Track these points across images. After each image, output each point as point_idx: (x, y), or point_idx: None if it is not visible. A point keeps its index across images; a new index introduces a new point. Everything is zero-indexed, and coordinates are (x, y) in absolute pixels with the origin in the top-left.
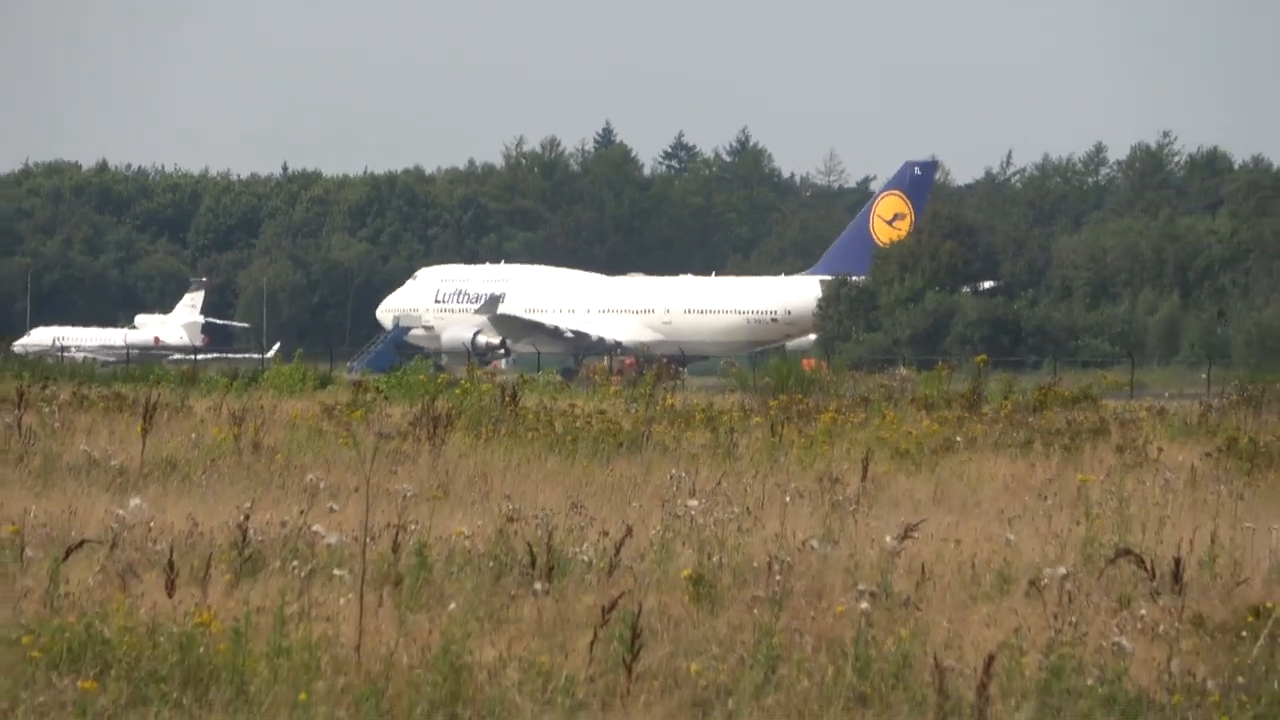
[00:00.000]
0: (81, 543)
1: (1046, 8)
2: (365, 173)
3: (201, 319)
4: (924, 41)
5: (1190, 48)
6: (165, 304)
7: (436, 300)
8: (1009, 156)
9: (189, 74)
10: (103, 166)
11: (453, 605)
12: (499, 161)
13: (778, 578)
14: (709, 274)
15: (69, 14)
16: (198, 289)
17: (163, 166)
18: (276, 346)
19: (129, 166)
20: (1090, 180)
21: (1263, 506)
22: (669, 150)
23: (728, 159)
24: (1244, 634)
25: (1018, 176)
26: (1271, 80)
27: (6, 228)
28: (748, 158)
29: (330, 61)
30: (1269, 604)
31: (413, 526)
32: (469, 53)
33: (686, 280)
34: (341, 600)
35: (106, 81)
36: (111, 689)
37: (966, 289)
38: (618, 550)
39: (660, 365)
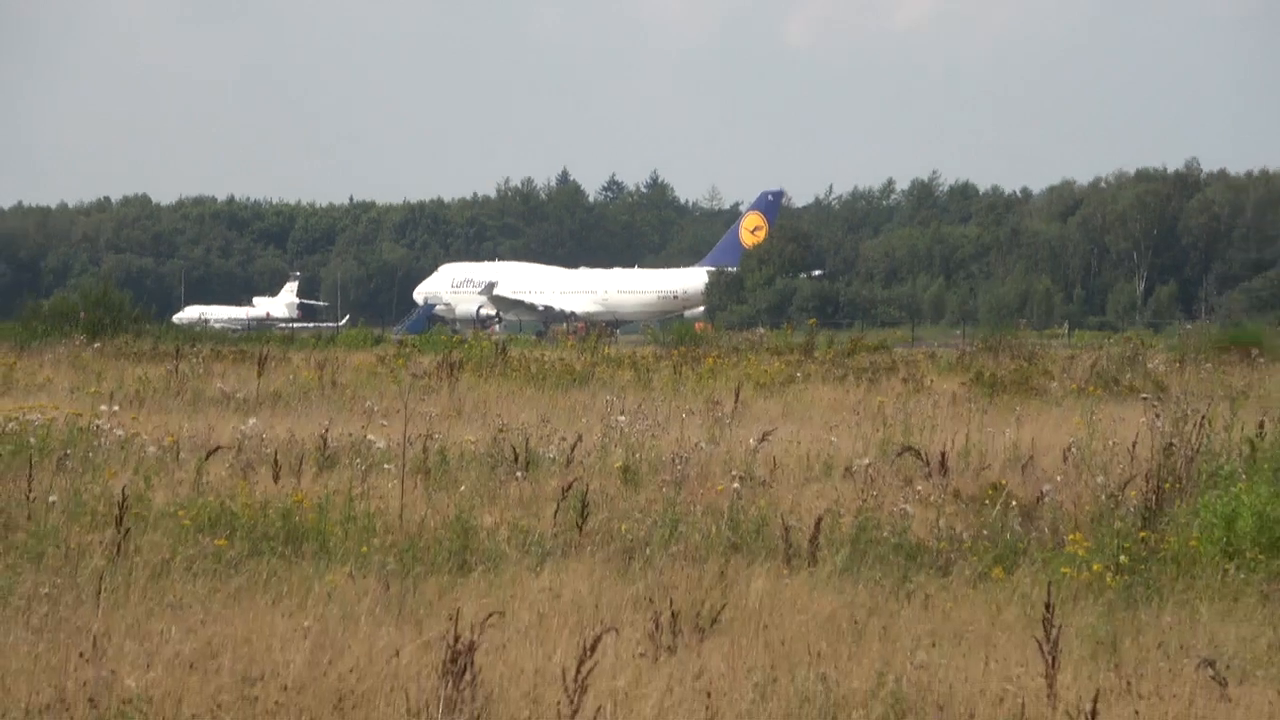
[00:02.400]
0: (217, 448)
1: (851, 81)
2: (404, 202)
3: (297, 300)
4: (774, 106)
5: (950, 106)
6: (273, 290)
7: (452, 286)
8: (830, 187)
9: (288, 133)
10: (230, 199)
11: (463, 487)
12: (493, 193)
13: (679, 467)
14: (633, 267)
15: (211, 85)
16: (294, 280)
17: (270, 198)
18: (347, 318)
19: (248, 199)
20: (884, 202)
21: (998, 418)
22: (605, 185)
23: (645, 191)
24: (986, 502)
25: (835, 200)
26: (1004, 129)
27: (168, 240)
28: (657, 190)
29: (378, 123)
30: (1002, 481)
31: (436, 436)
32: (471, 119)
33: (618, 272)
34: (389, 485)
35: (234, 137)
36: (237, 545)
37: (803, 275)
38: (572, 450)
39: (601, 328)
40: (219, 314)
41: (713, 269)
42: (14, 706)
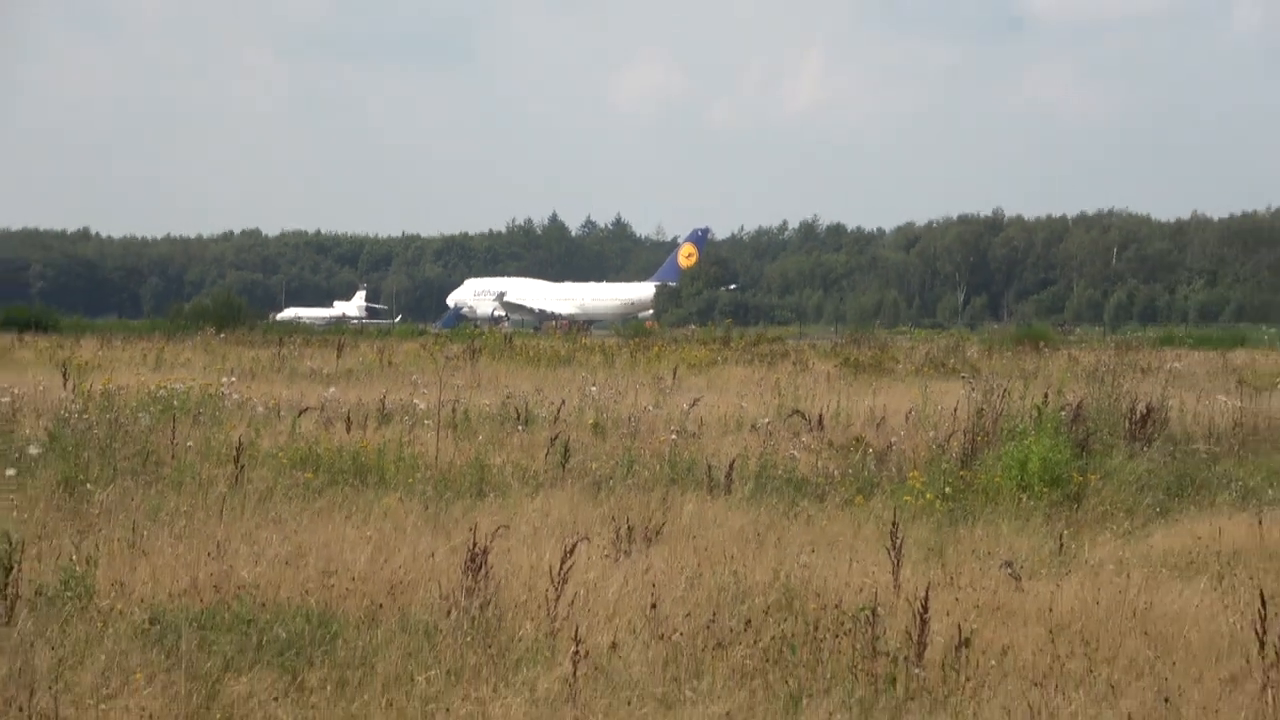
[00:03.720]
0: (306, 409)
1: (757, 148)
2: (440, 235)
3: (365, 304)
4: (703, 166)
5: (826, 167)
6: (347, 296)
7: (474, 294)
8: (742, 226)
9: (360, 183)
10: (318, 232)
11: (480, 437)
12: (503, 229)
13: (633, 423)
14: (602, 282)
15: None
16: (363, 290)
17: (345, 231)
18: (399, 317)
19: (330, 231)
20: (780, 237)
21: (860, 390)
22: (583, 223)
23: (611, 227)
24: (851, 449)
25: (746, 234)
26: (864, 183)
27: (273, 261)
28: (620, 227)
29: (424, 177)
30: (863, 435)
31: (461, 400)
32: (488, 176)
33: (591, 285)
34: (428, 435)
35: (322, 185)
36: (320, 477)
37: (722, 288)
38: (558, 411)
39: (580, 325)
40: (309, 314)
41: (659, 283)
42: (160, 591)
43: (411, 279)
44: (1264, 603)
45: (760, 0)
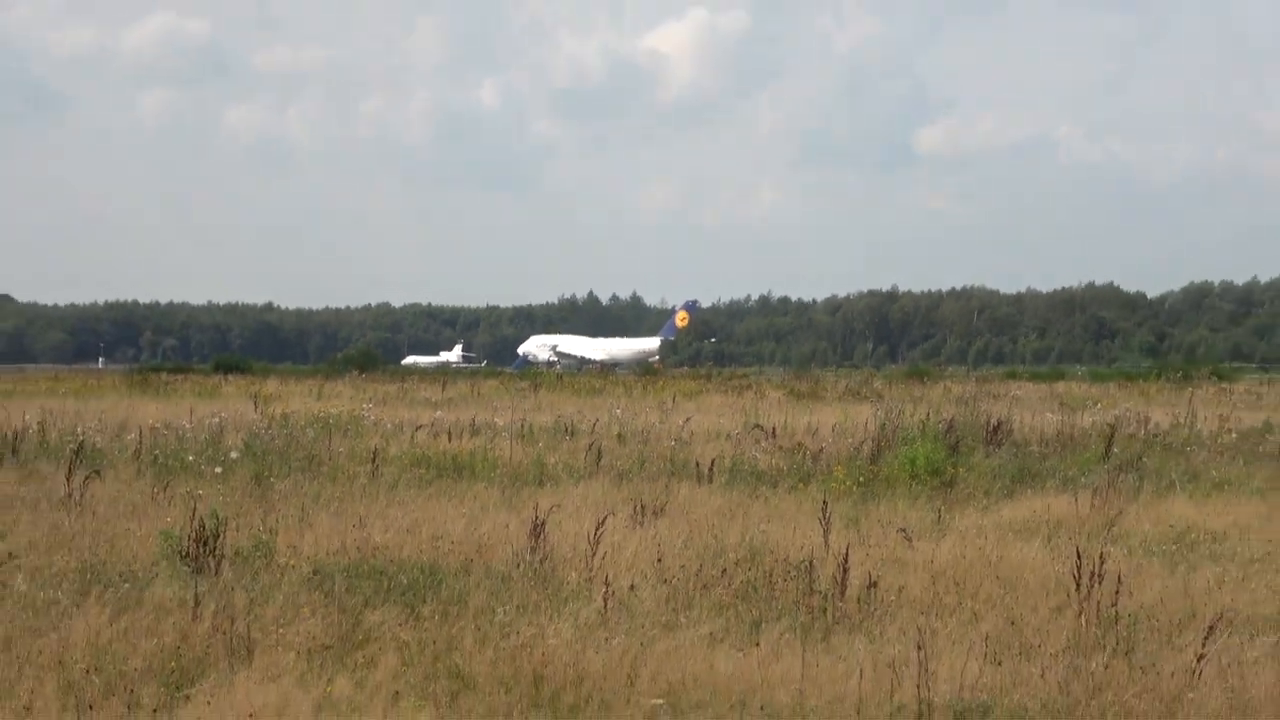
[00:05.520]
0: (420, 426)
1: (729, 243)
2: (513, 306)
3: (462, 353)
4: (694, 258)
5: (778, 255)
6: (449, 347)
7: (536, 346)
8: (719, 297)
9: (460, 270)
10: (429, 304)
11: (540, 444)
12: (555, 301)
13: (646, 434)
14: (624, 337)
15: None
16: (460, 344)
17: (447, 302)
18: (485, 362)
19: (438, 303)
20: (745, 305)
21: (801, 410)
22: (610, 297)
23: (629, 300)
24: (795, 452)
25: (722, 304)
26: (804, 268)
27: (397, 324)
28: (636, 299)
29: (502, 263)
30: (804, 441)
31: (528, 419)
32: (546, 264)
33: (616, 339)
34: (505, 443)
35: (432, 270)
36: (430, 472)
37: (706, 341)
38: (594, 426)
39: (608, 367)
40: (423, 360)
41: (662, 338)
42: (321, 551)
43: (493, 336)
44: (1079, 556)
45: (730, 145)
